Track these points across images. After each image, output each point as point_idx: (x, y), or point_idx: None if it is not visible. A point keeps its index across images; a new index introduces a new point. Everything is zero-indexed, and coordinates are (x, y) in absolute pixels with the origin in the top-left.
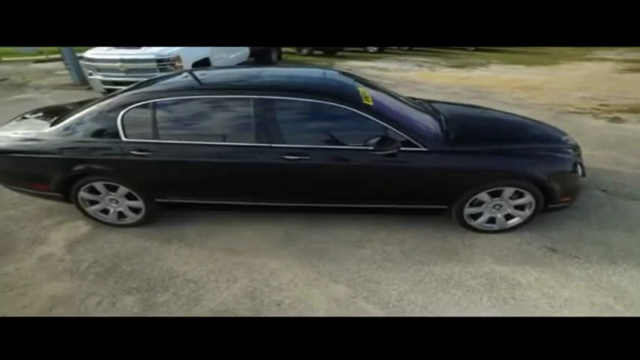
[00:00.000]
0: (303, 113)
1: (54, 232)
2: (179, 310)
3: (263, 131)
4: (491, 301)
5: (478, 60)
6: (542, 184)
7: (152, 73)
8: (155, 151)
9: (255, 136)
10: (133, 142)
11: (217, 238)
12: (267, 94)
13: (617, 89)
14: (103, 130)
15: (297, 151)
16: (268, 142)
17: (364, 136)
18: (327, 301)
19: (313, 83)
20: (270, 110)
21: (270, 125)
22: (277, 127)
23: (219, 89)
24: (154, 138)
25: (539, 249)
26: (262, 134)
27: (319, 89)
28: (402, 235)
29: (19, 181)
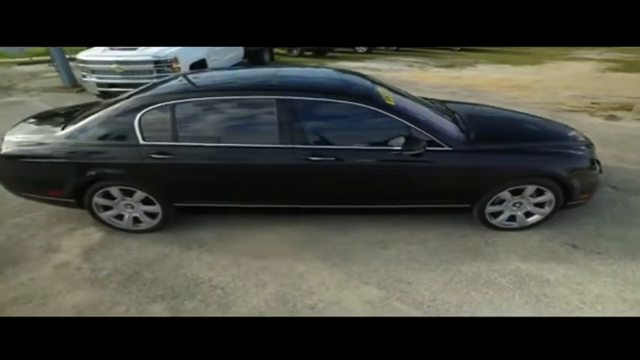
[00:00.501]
0: (326, 114)
1: (66, 240)
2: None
3: (286, 132)
4: (524, 299)
5: (465, 60)
6: (563, 182)
7: (149, 75)
8: (175, 154)
9: (279, 137)
10: (152, 145)
11: (238, 242)
12: (291, 95)
13: (604, 88)
14: (119, 134)
15: (322, 152)
16: (292, 143)
17: (387, 136)
18: (361, 303)
19: (335, 84)
20: (294, 111)
21: (294, 126)
22: (301, 127)
23: (241, 90)
24: (174, 140)
25: (560, 246)
26: (286, 135)
27: (342, 90)
28: (423, 234)
29: (32, 187)
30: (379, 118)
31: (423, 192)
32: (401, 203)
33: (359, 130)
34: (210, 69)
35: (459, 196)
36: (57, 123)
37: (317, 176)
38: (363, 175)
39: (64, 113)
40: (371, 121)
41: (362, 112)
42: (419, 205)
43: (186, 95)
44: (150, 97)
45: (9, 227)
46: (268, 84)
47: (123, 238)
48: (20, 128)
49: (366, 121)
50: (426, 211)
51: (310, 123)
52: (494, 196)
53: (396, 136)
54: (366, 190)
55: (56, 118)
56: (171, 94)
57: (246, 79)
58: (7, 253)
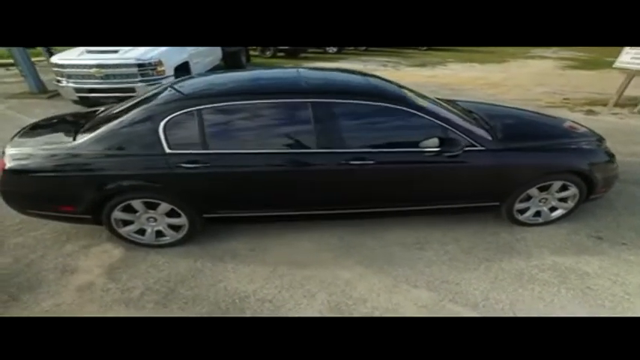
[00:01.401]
0: (363, 116)
1: (83, 259)
2: None
3: (324, 136)
4: (570, 293)
5: (435, 59)
6: (587, 176)
7: (133, 79)
8: (207, 163)
9: (316, 141)
10: (180, 153)
11: (271, 251)
12: (326, 98)
13: (569, 84)
14: (141, 143)
15: (363, 156)
16: (330, 148)
17: (422, 137)
18: (416, 308)
19: (365, 86)
20: (330, 114)
21: (331, 130)
22: (338, 131)
23: (272, 93)
24: (204, 148)
25: (587, 238)
26: (323, 139)
27: (376, 92)
28: (454, 234)
29: (41, 204)
30: (414, 120)
31: (456, 192)
32: (435, 204)
33: (395, 132)
34: (221, 71)
35: (490, 194)
36: (65, 133)
37: (357, 180)
38: (402, 177)
39: (69, 121)
40: (406, 122)
41: (397, 114)
42: (451, 206)
43: (214, 99)
44: (174, 103)
45: (13, 248)
46: (300, 87)
47: (145, 254)
48: (22, 140)
49: (402, 123)
50: (455, 212)
51: (347, 126)
52: (523, 193)
53: (430, 137)
54: (403, 192)
55: (61, 128)
56: (197, 98)
57: (271, 81)
58: (19, 277)
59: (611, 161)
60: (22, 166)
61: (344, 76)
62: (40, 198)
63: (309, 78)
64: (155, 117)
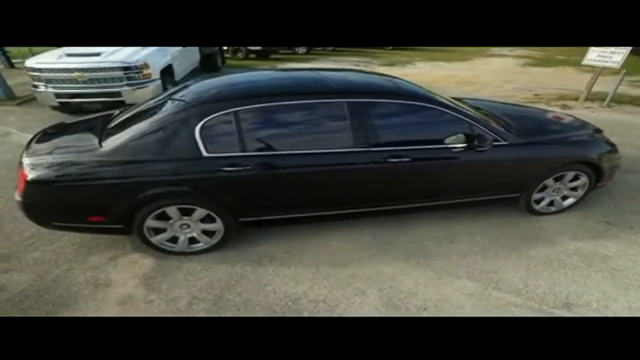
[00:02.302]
0: (395, 115)
1: (113, 271)
2: None
3: (360, 135)
4: (600, 275)
5: (403, 58)
6: (597, 166)
7: (118, 83)
8: (247, 165)
9: (353, 140)
10: (220, 157)
11: (308, 252)
12: (360, 97)
13: (533, 81)
14: (176, 147)
15: (400, 153)
16: (367, 147)
17: (450, 134)
18: (466, 297)
19: (393, 85)
20: (365, 113)
21: (367, 128)
22: (374, 130)
23: (307, 94)
24: (242, 150)
25: (597, 224)
26: (360, 138)
27: (405, 91)
28: (478, 226)
29: (68, 215)
30: (443, 118)
31: (482, 186)
32: (463, 198)
33: (426, 129)
34: (236, 73)
35: (512, 186)
36: (85, 139)
37: (393, 178)
38: (434, 173)
39: (83, 127)
40: (436, 120)
41: (427, 111)
42: (476, 199)
43: (250, 101)
44: (208, 105)
45: (32, 264)
46: (332, 87)
47: (178, 262)
48: (39, 149)
49: (432, 120)
50: (477, 204)
51: (381, 125)
52: (540, 184)
53: (456, 133)
54: (435, 187)
55: (76, 134)
56: (231, 100)
57: (299, 82)
58: (49, 294)
59: (615, 151)
60: (48, 177)
61: (365, 76)
62: (68, 209)
63: (333, 78)
64: (190, 120)
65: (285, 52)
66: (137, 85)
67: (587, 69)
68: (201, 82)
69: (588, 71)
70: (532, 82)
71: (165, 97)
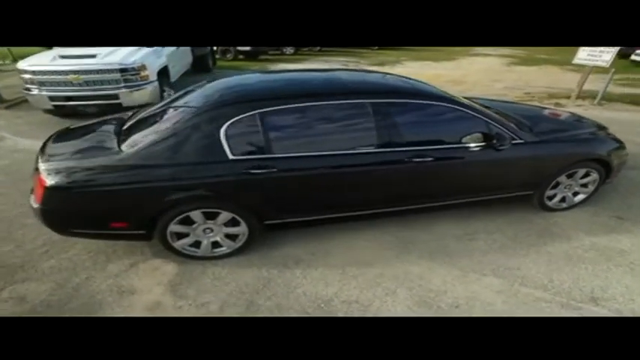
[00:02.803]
0: (418, 115)
1: (135, 278)
2: None
3: (385, 135)
4: (620, 269)
5: (390, 58)
6: (607, 162)
7: (115, 85)
8: (273, 167)
9: (378, 141)
10: (246, 159)
11: (333, 254)
12: (384, 98)
13: (520, 80)
14: (200, 150)
15: (422, 153)
16: (391, 147)
17: (469, 133)
18: (494, 294)
19: (412, 86)
20: (389, 114)
21: (391, 129)
22: (397, 130)
23: (331, 95)
24: (268, 152)
25: (608, 219)
26: (384, 138)
27: (424, 91)
28: (494, 223)
29: (88, 222)
30: (462, 117)
31: (500, 183)
32: (479, 196)
33: (446, 129)
34: (255, 74)
35: (527, 184)
36: (102, 143)
37: (418, 177)
38: (456, 172)
39: (96, 130)
40: (455, 120)
41: (448, 111)
42: (494, 196)
43: (274, 102)
44: (232, 107)
45: (48, 272)
46: (355, 87)
47: (202, 267)
48: (55, 153)
49: (452, 120)
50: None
51: (404, 125)
52: (554, 181)
53: (473, 132)
54: (455, 186)
55: (91, 138)
56: (255, 101)
57: (318, 83)
58: (72, 303)
59: (622, 147)
60: (68, 182)
61: (380, 77)
62: (89, 216)
63: (351, 79)
64: (214, 122)
65: (274, 53)
66: (135, 87)
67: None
68: (217, 84)
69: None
70: (519, 81)
71: (180, 99)
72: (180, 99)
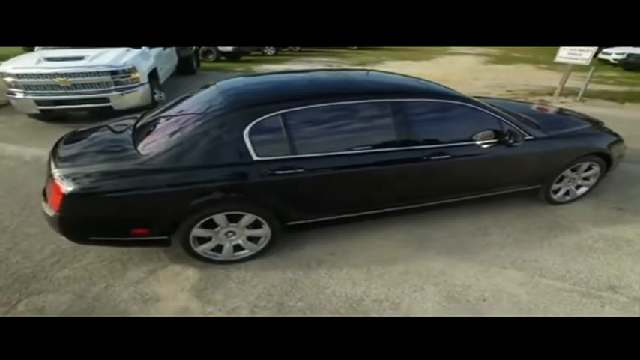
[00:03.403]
0: (434, 114)
1: (157, 285)
2: None
3: (405, 134)
4: (630, 257)
5: (371, 58)
6: (607, 156)
7: (105, 88)
8: (299, 168)
9: (398, 139)
10: (270, 160)
11: (353, 253)
12: (402, 97)
13: (500, 77)
14: (225, 151)
15: (440, 151)
16: (412, 145)
17: (482, 131)
18: (517, 286)
19: (427, 86)
20: (408, 113)
21: (410, 128)
22: (417, 129)
23: (350, 94)
24: (292, 153)
25: (610, 210)
26: (404, 137)
27: (440, 91)
28: (504, 217)
29: (111, 229)
30: (475, 115)
31: (511, 179)
32: (491, 192)
33: (460, 126)
34: (264, 75)
35: (536, 178)
36: (119, 146)
37: (436, 175)
38: (470, 168)
39: (107, 132)
40: (469, 118)
41: (463, 110)
42: (503, 192)
43: (296, 103)
44: (254, 108)
45: (64, 283)
46: (372, 87)
47: (224, 270)
48: (70, 158)
49: (466, 118)
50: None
51: (421, 123)
52: (559, 175)
53: (488, 130)
54: (469, 182)
55: (104, 141)
56: (279, 102)
57: (337, 83)
58: (97, 313)
59: (621, 140)
60: (88, 189)
61: (393, 77)
62: (110, 222)
63: (368, 79)
64: (237, 124)
65: (255, 54)
66: (126, 89)
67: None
68: (229, 84)
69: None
70: (499, 79)
71: (191, 100)
72: (191, 100)
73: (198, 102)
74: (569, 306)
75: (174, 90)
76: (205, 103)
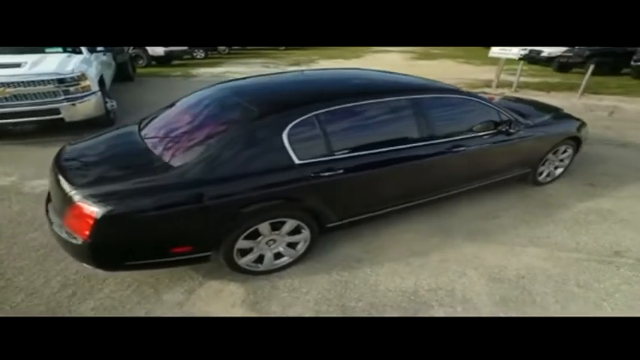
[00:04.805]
0: (450, 109)
1: (203, 304)
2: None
3: (425, 129)
4: (618, 225)
5: (302, 58)
6: (578, 138)
7: (52, 99)
8: (339, 169)
9: (423, 134)
10: (311, 162)
11: (386, 248)
12: (422, 94)
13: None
14: (267, 157)
15: (459, 143)
16: (436, 139)
17: (483, 122)
18: (543, 261)
19: (440, 85)
20: (429, 108)
21: (433, 123)
22: (437, 123)
23: (377, 93)
24: (330, 154)
25: (584, 186)
26: (429, 132)
27: (448, 87)
28: (504, 201)
29: (151, 250)
30: (478, 108)
31: (509, 165)
32: (492, 178)
33: (470, 119)
34: (276, 75)
35: (527, 163)
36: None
37: (455, 166)
38: (480, 158)
39: (124, 144)
40: (474, 111)
41: (470, 104)
42: (501, 178)
43: (328, 103)
44: (290, 110)
45: (95, 315)
46: (397, 86)
47: (267, 281)
48: (90, 177)
49: (472, 111)
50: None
51: (440, 118)
52: (544, 159)
53: (488, 121)
54: (479, 170)
55: (117, 154)
56: (312, 103)
57: (356, 83)
58: None
59: (585, 124)
60: (124, 208)
61: (399, 76)
62: (149, 243)
63: (384, 78)
64: (274, 127)
65: (186, 58)
66: (77, 99)
67: (461, 60)
68: (241, 86)
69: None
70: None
71: (202, 102)
72: (198, 103)
73: (211, 105)
74: (593, 273)
75: (119, 98)
76: (224, 107)
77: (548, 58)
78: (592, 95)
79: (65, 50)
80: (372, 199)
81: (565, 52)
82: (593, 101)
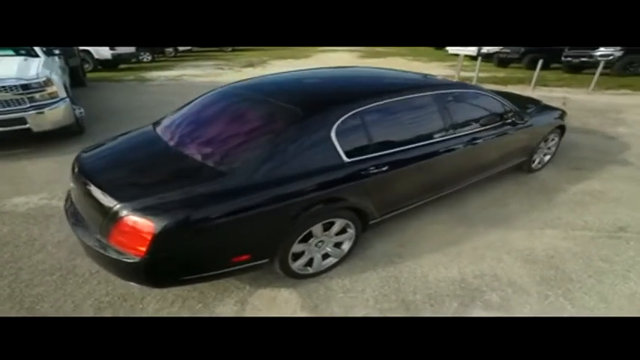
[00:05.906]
0: (469, 101)
1: (264, 313)
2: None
3: (449, 123)
4: (612, 204)
5: (253, 58)
6: (563, 127)
7: (20, 107)
8: (385, 165)
9: (451, 127)
10: (359, 160)
11: (418, 241)
12: (446, 89)
13: None
14: (317, 157)
15: (478, 135)
16: (462, 132)
17: (492, 114)
18: (562, 241)
19: (442, 80)
20: (447, 104)
21: (457, 115)
22: (461, 116)
23: (408, 89)
24: (374, 151)
25: (570, 170)
26: (455, 125)
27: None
28: (509, 189)
29: (211, 262)
30: (490, 102)
31: (511, 154)
32: (498, 168)
33: (482, 112)
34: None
35: (525, 152)
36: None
37: (475, 156)
38: (493, 148)
39: (152, 150)
40: (487, 104)
41: (482, 98)
42: (504, 167)
43: (366, 101)
44: (335, 108)
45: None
46: (420, 82)
47: (317, 284)
48: (129, 187)
49: (485, 104)
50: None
51: (463, 111)
52: (538, 147)
53: (494, 114)
54: (491, 160)
55: (146, 159)
56: (354, 101)
57: (389, 80)
58: None
59: (565, 113)
60: (184, 220)
61: (411, 73)
62: (209, 255)
63: (402, 76)
64: (323, 125)
65: (135, 62)
66: (45, 106)
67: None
68: (265, 84)
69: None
70: None
71: (238, 103)
72: (217, 104)
73: (243, 107)
74: (611, 249)
75: (78, 103)
76: (259, 108)
77: (487, 54)
78: (542, 87)
79: (18, 53)
80: (409, 193)
81: (502, 49)
82: (544, 93)
